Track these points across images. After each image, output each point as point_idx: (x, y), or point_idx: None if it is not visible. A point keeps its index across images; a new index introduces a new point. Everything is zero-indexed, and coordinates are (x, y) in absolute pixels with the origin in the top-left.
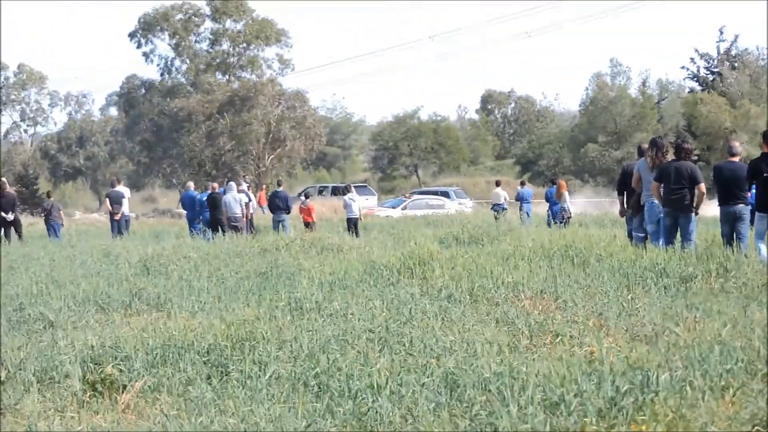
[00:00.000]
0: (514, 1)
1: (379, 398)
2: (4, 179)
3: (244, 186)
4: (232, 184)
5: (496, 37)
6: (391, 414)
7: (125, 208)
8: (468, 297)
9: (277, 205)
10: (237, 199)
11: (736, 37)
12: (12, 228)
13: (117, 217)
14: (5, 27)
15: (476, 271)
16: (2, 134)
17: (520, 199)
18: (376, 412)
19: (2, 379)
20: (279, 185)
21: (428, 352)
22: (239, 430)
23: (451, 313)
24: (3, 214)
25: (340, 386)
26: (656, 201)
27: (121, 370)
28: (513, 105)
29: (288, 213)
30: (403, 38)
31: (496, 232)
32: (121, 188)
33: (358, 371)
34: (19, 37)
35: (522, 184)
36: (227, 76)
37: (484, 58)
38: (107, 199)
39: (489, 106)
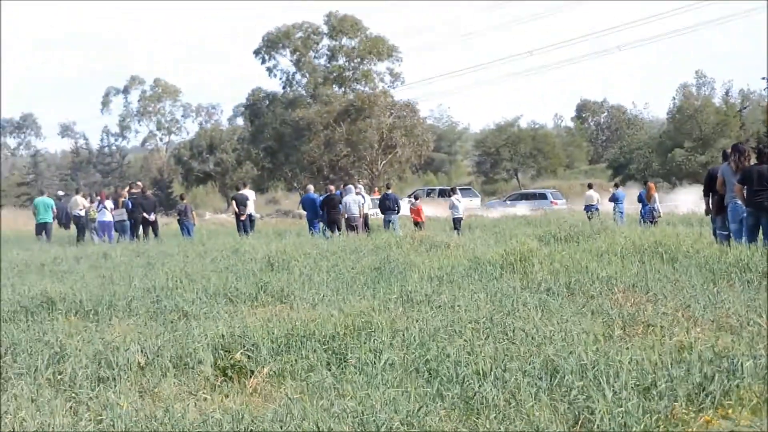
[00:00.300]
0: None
1: (485, 383)
2: (140, 182)
3: (360, 188)
4: (351, 187)
5: (589, 52)
6: (495, 398)
7: (251, 209)
8: (565, 290)
9: (388, 205)
10: (356, 200)
11: None
12: (150, 227)
13: (242, 218)
14: (146, 46)
15: (573, 266)
16: (140, 142)
17: (614, 199)
18: (482, 396)
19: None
20: (388, 188)
21: (529, 341)
22: (357, 412)
23: (550, 305)
24: (145, 214)
25: (448, 372)
26: (739, 202)
27: (249, 357)
28: (605, 113)
29: (397, 213)
30: (504, 52)
31: (590, 231)
32: (247, 191)
33: (465, 358)
34: (155, 55)
35: (616, 186)
36: (343, 89)
37: (579, 71)
38: (233, 201)
39: (583, 115)
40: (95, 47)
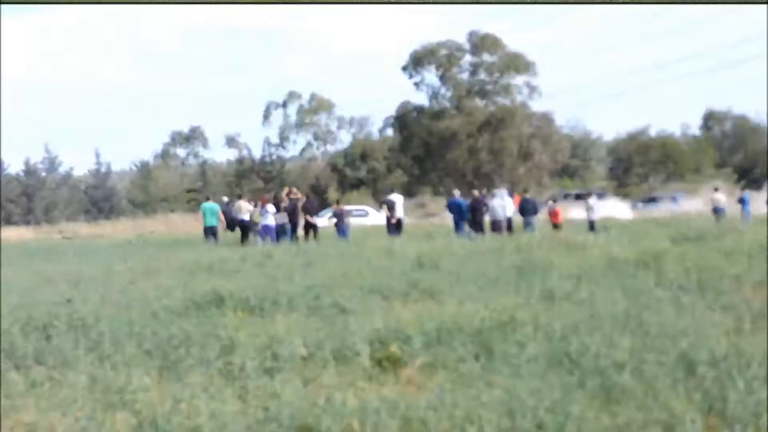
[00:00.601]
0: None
1: (623, 374)
2: (295, 189)
3: (504, 192)
4: (496, 191)
5: (714, 66)
6: (633, 388)
7: (399, 212)
8: (696, 287)
9: (527, 209)
10: (500, 204)
11: None
12: (312, 229)
13: (393, 221)
14: (302, 64)
15: (703, 264)
16: (299, 152)
17: (741, 202)
18: (621, 386)
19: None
20: (526, 192)
21: (664, 334)
22: (504, 400)
23: (683, 301)
24: (309, 217)
25: (589, 364)
26: None
27: (402, 349)
28: (730, 122)
29: (536, 215)
30: (632, 65)
31: (718, 232)
32: (395, 196)
33: (604, 351)
34: (312, 72)
35: (743, 189)
36: (485, 101)
37: (705, 82)
38: (384, 205)
39: (709, 124)
40: (256, 66)
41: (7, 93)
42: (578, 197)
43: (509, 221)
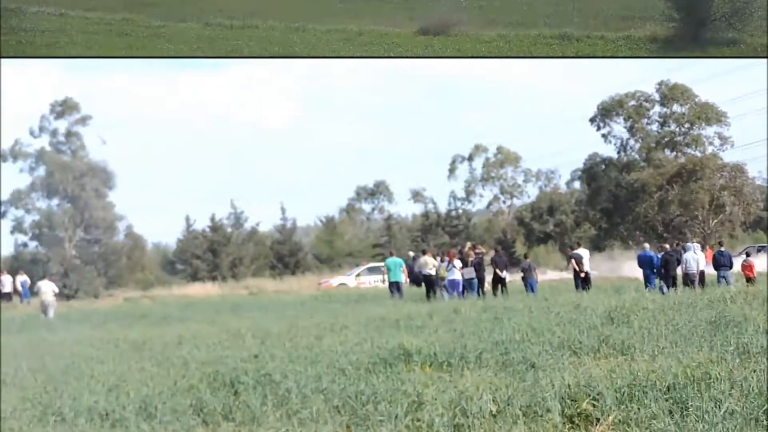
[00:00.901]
0: None
1: None
2: (480, 245)
3: (696, 246)
4: (690, 245)
5: None
6: None
7: (587, 266)
8: None
9: (722, 262)
10: (693, 257)
11: None
12: (500, 283)
13: (582, 275)
14: (489, 119)
15: None
16: (485, 206)
17: None
18: None
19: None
20: (721, 245)
21: None
22: None
23: None
24: (498, 271)
25: None
26: None
27: (594, 406)
28: None
29: (730, 269)
30: None
31: None
32: (582, 250)
33: None
34: (497, 125)
35: None
36: (674, 153)
37: None
38: (572, 259)
39: None
40: (441, 119)
41: (193, 148)
42: None
43: (702, 275)
